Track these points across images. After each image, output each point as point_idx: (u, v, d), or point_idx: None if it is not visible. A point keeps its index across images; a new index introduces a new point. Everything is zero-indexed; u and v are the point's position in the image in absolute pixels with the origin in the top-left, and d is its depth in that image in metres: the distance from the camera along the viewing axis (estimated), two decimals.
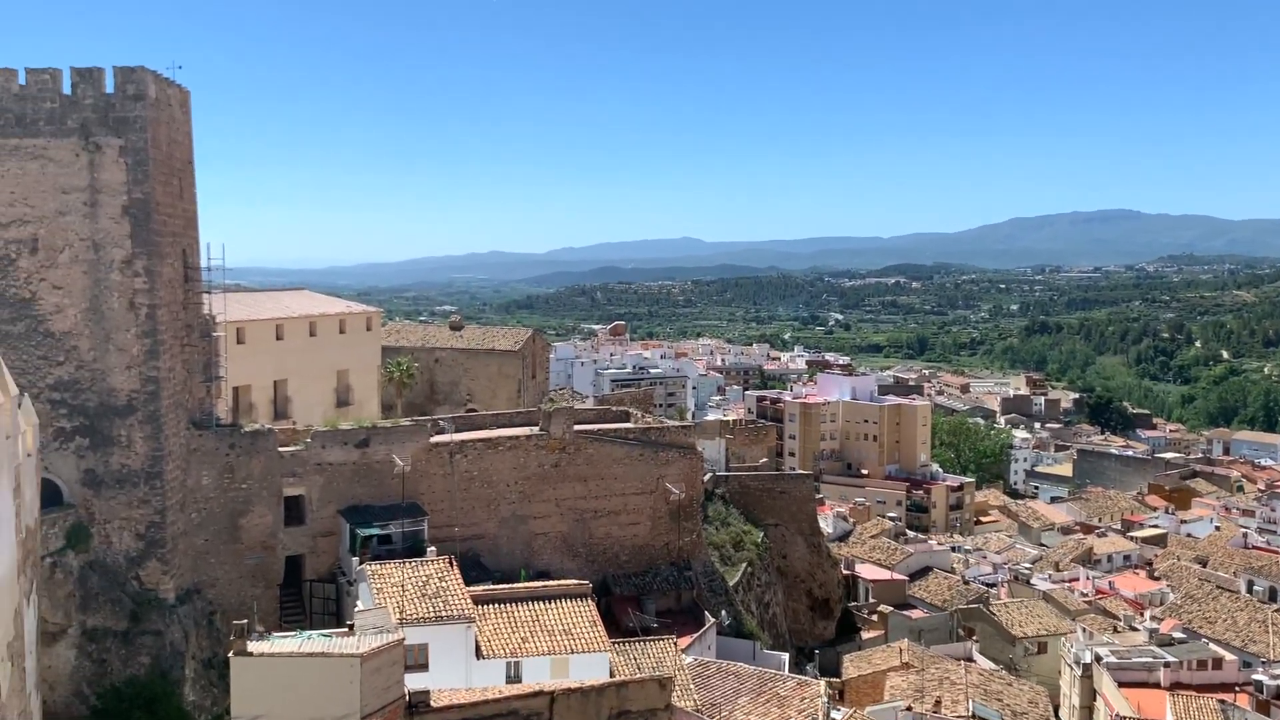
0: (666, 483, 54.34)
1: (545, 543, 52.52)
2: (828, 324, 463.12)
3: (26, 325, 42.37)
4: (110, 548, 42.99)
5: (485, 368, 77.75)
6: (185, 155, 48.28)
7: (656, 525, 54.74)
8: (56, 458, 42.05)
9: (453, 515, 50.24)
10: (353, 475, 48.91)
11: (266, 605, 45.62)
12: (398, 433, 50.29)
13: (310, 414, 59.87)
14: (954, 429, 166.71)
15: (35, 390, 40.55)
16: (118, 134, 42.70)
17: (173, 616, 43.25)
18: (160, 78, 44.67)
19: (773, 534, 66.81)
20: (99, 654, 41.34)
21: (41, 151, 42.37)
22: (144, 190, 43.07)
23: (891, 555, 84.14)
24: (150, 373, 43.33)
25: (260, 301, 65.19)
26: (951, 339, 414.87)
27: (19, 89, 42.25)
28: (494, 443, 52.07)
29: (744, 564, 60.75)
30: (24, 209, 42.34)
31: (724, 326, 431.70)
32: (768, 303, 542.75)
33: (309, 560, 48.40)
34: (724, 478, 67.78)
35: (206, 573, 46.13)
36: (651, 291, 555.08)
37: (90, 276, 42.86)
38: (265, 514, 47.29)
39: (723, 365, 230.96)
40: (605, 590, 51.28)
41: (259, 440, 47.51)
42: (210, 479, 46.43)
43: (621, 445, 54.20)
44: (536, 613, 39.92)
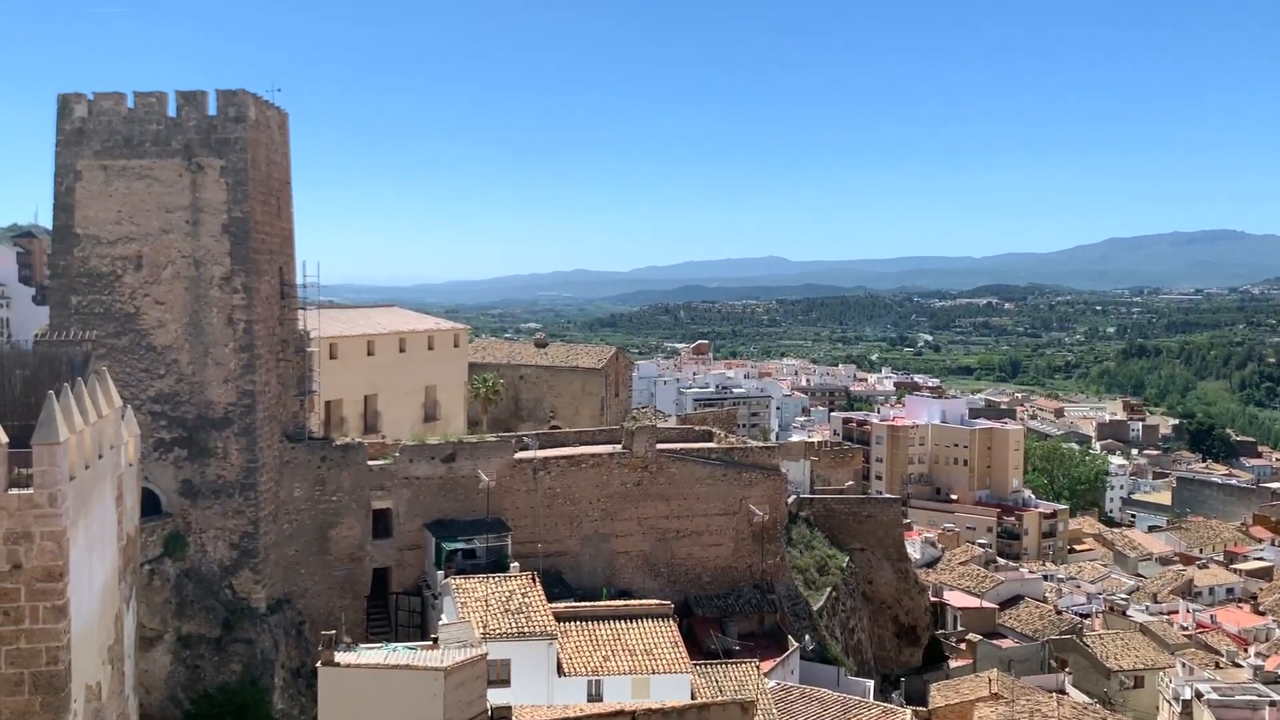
0: (750, 504, 53.85)
1: (627, 561, 52.44)
2: (917, 345, 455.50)
3: (130, 339, 43.89)
4: (205, 556, 44.13)
5: (569, 385, 78.16)
6: (283, 175, 49.64)
7: (739, 547, 54.25)
8: (156, 468, 43.38)
9: (536, 531, 50.50)
10: (439, 489, 49.52)
11: (353, 616, 46.36)
12: (483, 448, 50.79)
13: (399, 428, 60.84)
14: (1047, 454, 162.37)
15: (137, 402, 41.89)
16: (219, 154, 44.09)
17: (264, 625, 44.18)
18: (260, 100, 46.04)
19: (858, 558, 65.77)
20: (193, 660, 42.42)
21: (147, 172, 43.97)
22: (243, 209, 44.36)
23: (981, 582, 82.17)
24: (247, 386, 44.48)
25: (352, 318, 66.56)
26: (1045, 362, 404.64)
27: (127, 112, 43.96)
28: (577, 460, 52.25)
29: (828, 588, 59.86)
30: (130, 227, 43.96)
31: (809, 346, 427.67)
32: (855, 323, 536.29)
33: (395, 573, 49.08)
34: (808, 500, 66.99)
35: (296, 583, 47.08)
36: (736, 310, 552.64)
37: (191, 293, 44.25)
38: (354, 526, 48.14)
39: (808, 386, 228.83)
40: (687, 611, 50.95)
41: (349, 454, 48.42)
42: (302, 491, 47.45)
43: (704, 465, 53.91)
44: (618, 631, 39.82)
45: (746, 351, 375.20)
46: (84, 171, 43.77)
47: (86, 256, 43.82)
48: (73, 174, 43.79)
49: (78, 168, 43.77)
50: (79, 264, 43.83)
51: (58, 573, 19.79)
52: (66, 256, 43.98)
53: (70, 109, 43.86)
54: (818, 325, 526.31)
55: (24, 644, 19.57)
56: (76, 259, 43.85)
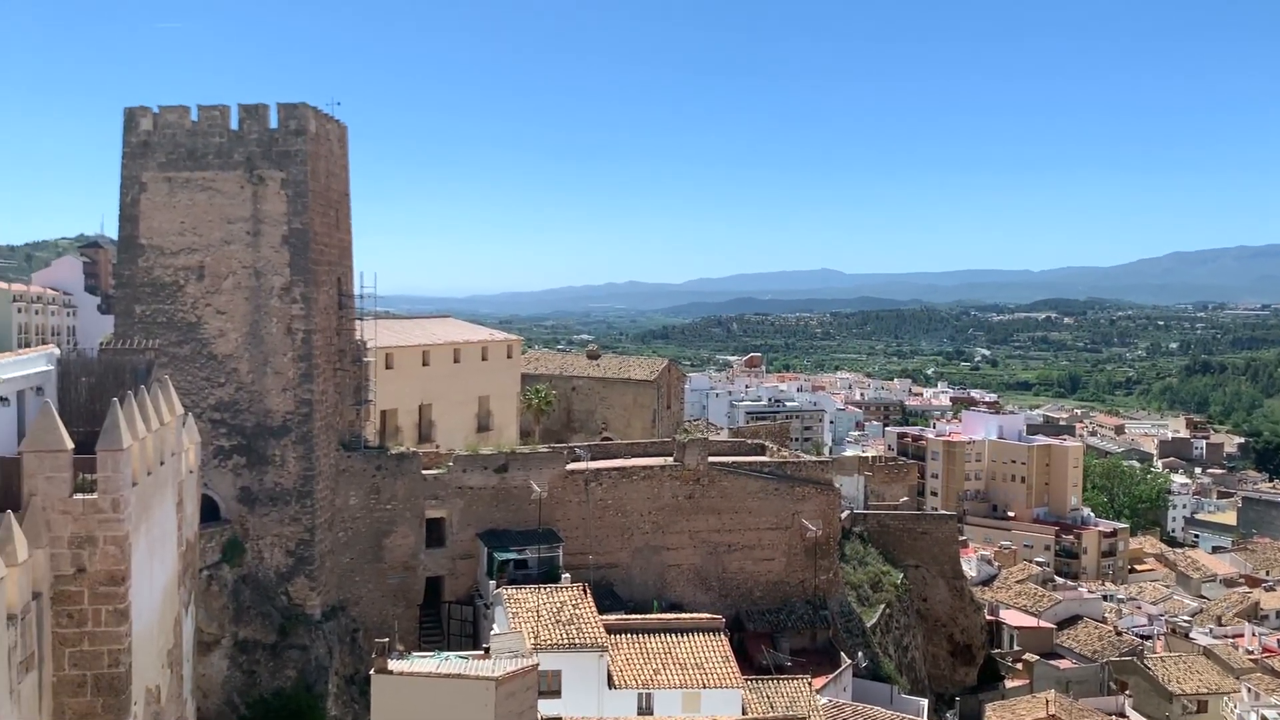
0: (802, 519, 53.39)
1: (678, 575, 52.23)
2: (974, 359, 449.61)
3: (192, 348, 44.70)
4: (262, 563, 44.71)
5: (621, 397, 78.17)
6: (342, 187, 50.32)
7: (792, 561, 53.79)
8: (215, 475, 44.09)
9: (587, 543, 50.50)
10: (491, 499, 49.75)
11: (406, 625, 46.65)
12: (535, 459, 50.96)
13: (452, 438, 61.25)
14: (1107, 472, 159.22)
15: (198, 410, 42.64)
16: (280, 167, 44.83)
17: (318, 632, 44.63)
18: (320, 113, 46.74)
19: (913, 575, 64.94)
20: (249, 665, 42.95)
21: (210, 184, 44.82)
22: (303, 221, 45.03)
23: (1039, 601, 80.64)
24: (304, 395, 45.07)
25: (408, 328, 67.23)
26: (1105, 378, 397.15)
27: (191, 125, 44.86)
28: (628, 472, 52.20)
29: (882, 605, 59.13)
30: (193, 238, 44.82)
31: (864, 360, 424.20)
32: (910, 336, 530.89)
33: (448, 582, 49.34)
34: (862, 516, 66.29)
35: (351, 590, 47.53)
36: (789, 323, 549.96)
37: (251, 303, 44.98)
38: (408, 535, 48.51)
39: (862, 400, 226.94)
40: (738, 625, 50.59)
41: (404, 463, 48.85)
42: (357, 499, 47.93)
43: (756, 479, 53.57)
44: (669, 645, 39.64)
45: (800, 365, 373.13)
46: (149, 183, 44.74)
47: (150, 266, 44.75)
48: (138, 186, 44.79)
49: (143, 180, 44.75)
50: (143, 274, 44.77)
51: (120, 577, 20.10)
52: (131, 266, 44.96)
53: (136, 122, 44.88)
54: (872, 339, 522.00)
55: (87, 646, 19.91)
56: (141, 269, 44.80)
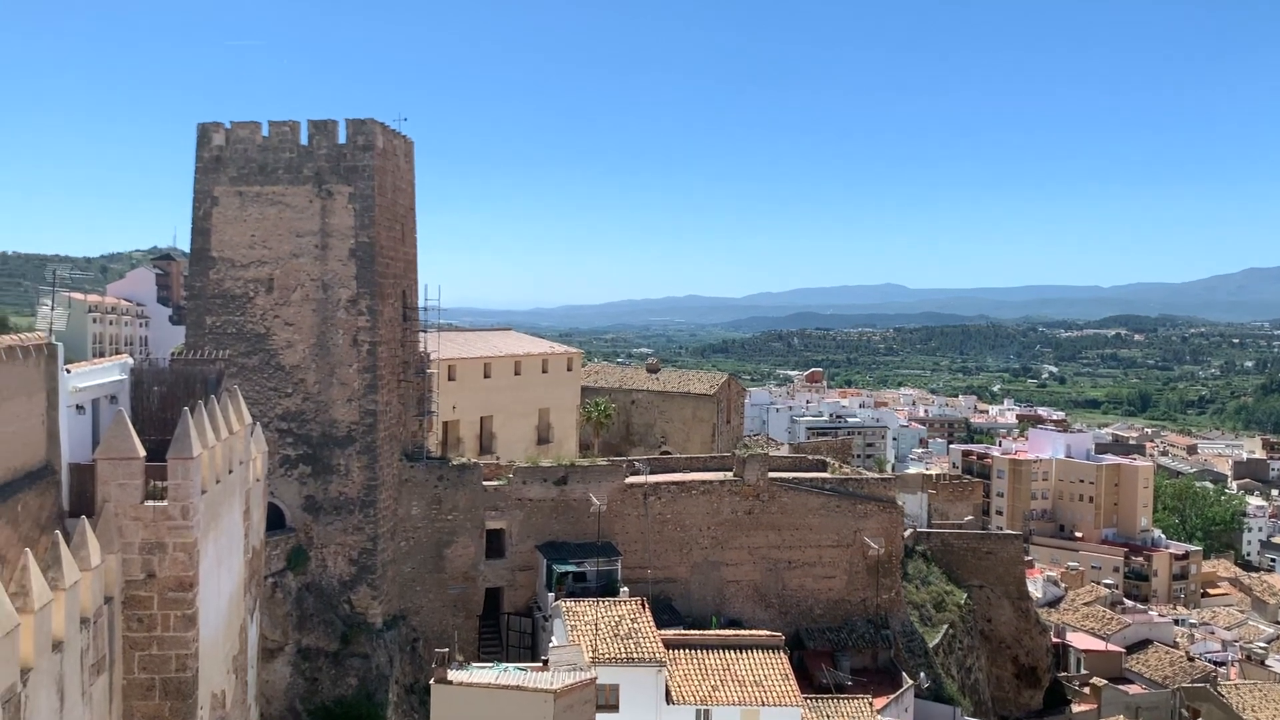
0: (864, 536, 52.75)
1: (737, 590, 51.87)
2: (1041, 377, 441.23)
3: (260, 359, 45.51)
4: (325, 571, 45.26)
5: (680, 411, 78.00)
6: (408, 202, 50.98)
7: (853, 579, 53.13)
8: (281, 483, 44.78)
9: (646, 557, 50.38)
10: (551, 512, 49.89)
11: (466, 635, 46.91)
12: (595, 472, 51.01)
13: (512, 450, 61.60)
14: (1179, 492, 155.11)
15: (265, 419, 43.34)
16: (348, 181, 45.54)
17: (379, 641, 45.03)
18: (387, 129, 47.43)
19: (977, 595, 63.79)
20: (311, 672, 43.45)
21: (280, 198, 45.68)
22: (369, 235, 45.68)
23: (1107, 624, 78.71)
24: (369, 406, 45.63)
25: (470, 341, 67.84)
26: (1177, 396, 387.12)
27: (262, 140, 45.79)
28: (688, 486, 52.01)
29: (945, 625, 58.14)
30: (263, 251, 45.69)
31: (928, 376, 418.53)
32: (975, 353, 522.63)
33: (507, 593, 49.55)
34: (925, 534, 65.33)
35: (412, 600, 47.93)
36: (851, 338, 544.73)
37: (319, 314, 45.69)
38: (468, 545, 48.82)
39: (925, 416, 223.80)
40: (798, 643, 50.09)
41: (465, 474, 49.20)
42: (419, 509, 48.37)
43: (818, 495, 53.05)
44: (728, 661, 39.33)
45: (862, 380, 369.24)
46: (220, 197, 45.71)
47: (221, 278, 45.69)
48: (210, 199, 45.78)
49: (215, 194, 45.73)
50: (214, 286, 45.72)
51: (188, 583, 20.46)
52: (202, 278, 45.94)
53: (209, 137, 45.91)
54: (937, 355, 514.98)
55: (155, 650, 20.28)
56: (212, 281, 45.76)
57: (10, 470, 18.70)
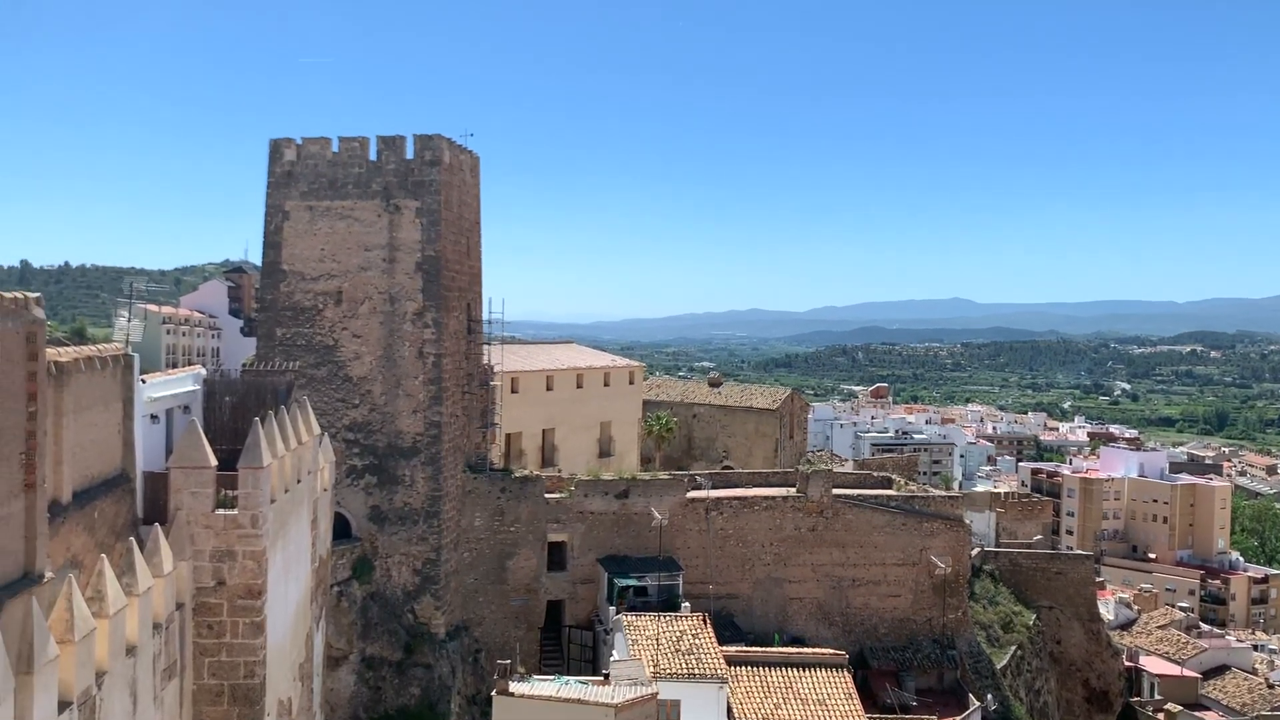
0: (930, 555, 51.91)
1: (800, 608, 51.34)
2: (1113, 394, 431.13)
3: (329, 370, 46.24)
4: (390, 581, 45.73)
5: (743, 425, 77.59)
6: (473, 216, 51.53)
7: (919, 598, 52.30)
8: (348, 493, 45.38)
9: (707, 572, 50.11)
10: (612, 525, 49.88)
11: (527, 647, 47.03)
12: (656, 486, 50.91)
13: (574, 463, 61.75)
14: (1258, 514, 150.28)
15: (333, 430, 43.98)
16: (415, 196, 46.17)
17: (442, 651, 45.34)
18: (454, 144, 48.01)
19: (1046, 617, 62.40)
20: (375, 681, 43.90)
21: (349, 212, 46.45)
22: (435, 248, 46.24)
23: (1182, 649, 76.39)
24: (434, 417, 46.08)
25: (533, 353, 68.23)
26: (1256, 414, 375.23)
27: (332, 156, 46.63)
28: (750, 502, 51.67)
29: (1013, 646, 56.92)
30: (332, 264, 46.47)
31: (996, 392, 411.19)
32: (1045, 369, 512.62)
33: (569, 606, 49.60)
34: (993, 553, 64.11)
35: (474, 611, 48.21)
36: (917, 353, 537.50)
37: (385, 327, 46.32)
38: (530, 558, 49.00)
39: (994, 433, 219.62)
40: (862, 662, 49.40)
41: (528, 486, 49.43)
42: (482, 520, 48.68)
43: (883, 512, 52.35)
44: (790, 679, 38.92)
45: (928, 396, 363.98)
46: (291, 212, 46.61)
47: (291, 291, 46.55)
48: (281, 214, 46.70)
49: (286, 208, 46.65)
50: (284, 298, 46.59)
51: (257, 590, 20.77)
52: (273, 291, 46.85)
53: (280, 153, 46.87)
54: (1005, 370, 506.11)
55: (224, 657, 20.61)
56: (282, 293, 46.64)
57: (88, 478, 19.17)
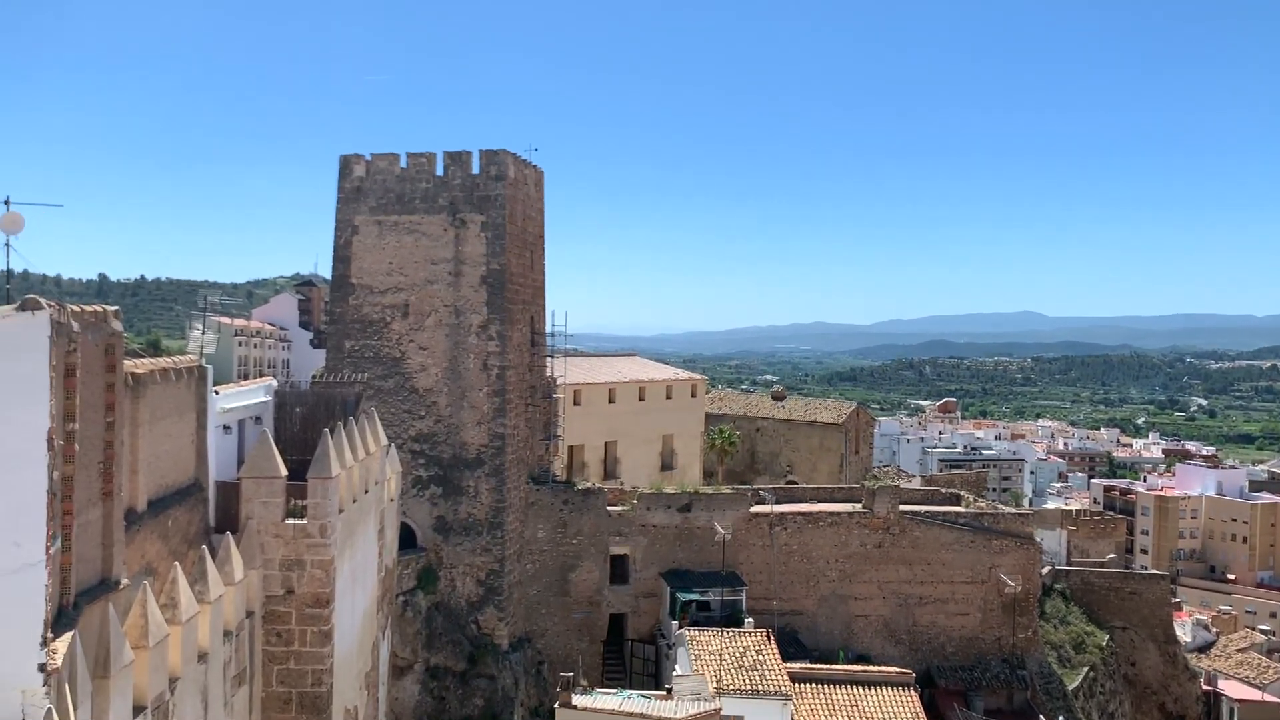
0: (1000, 573, 50.91)
1: (865, 625, 50.67)
2: (1189, 409, 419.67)
3: (396, 382, 46.86)
4: (454, 591, 46.08)
5: (807, 440, 76.94)
6: (537, 230, 51.92)
7: (988, 617, 51.30)
8: (413, 504, 45.87)
9: (771, 588, 49.69)
10: (675, 539, 49.72)
11: (590, 660, 47.03)
12: (719, 500, 50.65)
13: (636, 476, 61.74)
14: None
15: (400, 441, 44.52)
16: (480, 210, 46.69)
17: (505, 662, 45.53)
18: (518, 159, 48.47)
19: (1120, 638, 60.79)
20: (439, 691, 44.21)
21: (416, 226, 47.12)
22: (500, 262, 46.67)
23: (1264, 673, 73.71)
24: (498, 429, 46.43)
25: (595, 366, 68.42)
26: None
27: (400, 171, 47.39)
28: (815, 517, 51.17)
29: (1085, 668, 55.54)
30: (399, 278, 47.15)
31: (1067, 408, 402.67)
32: (1119, 384, 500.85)
33: (631, 620, 49.51)
34: (1064, 572, 62.66)
35: (537, 623, 48.36)
36: (986, 367, 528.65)
37: (451, 339, 46.83)
38: (593, 570, 49.03)
39: (1065, 450, 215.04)
40: (929, 681, 48.56)
41: (590, 498, 49.51)
42: (545, 532, 48.86)
43: (951, 529, 51.48)
44: (855, 697, 38.38)
45: (998, 411, 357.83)
46: (360, 226, 47.43)
47: (360, 304, 47.31)
48: (350, 228, 47.54)
49: (355, 223, 47.47)
50: (353, 311, 47.36)
51: (325, 599, 21.03)
52: (342, 304, 47.65)
53: (350, 169, 47.74)
54: (1077, 385, 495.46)
55: (293, 665, 20.88)
56: (351, 306, 47.42)
57: (162, 487, 19.58)
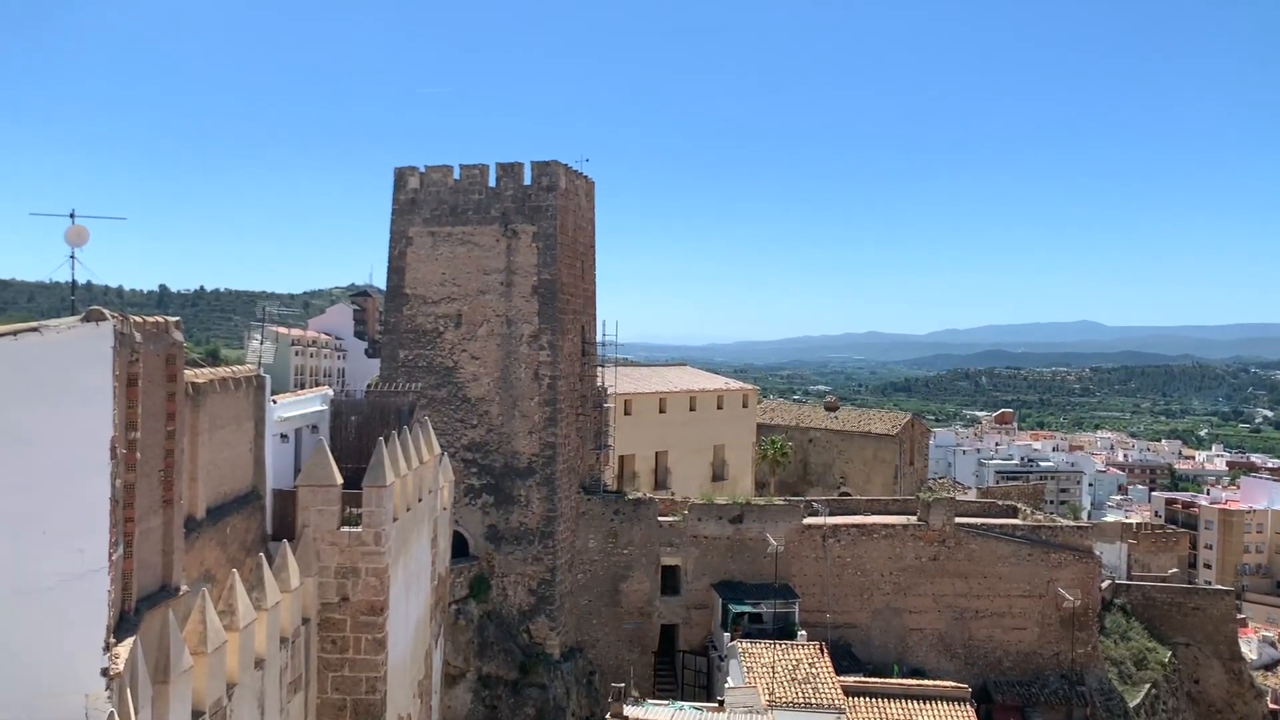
0: (1058, 587, 49.99)
1: (920, 639, 50.00)
2: (1254, 421, 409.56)
3: (449, 391, 47.24)
4: (506, 600, 46.26)
5: (860, 451, 76.26)
6: (588, 240, 52.10)
7: (1045, 632, 50.39)
8: (465, 512, 46.15)
9: (824, 600, 49.25)
10: (726, 550, 49.48)
11: (641, 671, 46.91)
12: (771, 511, 50.33)
13: (687, 486, 61.57)
14: None
15: (452, 449, 44.85)
16: (532, 221, 46.97)
17: (556, 672, 45.58)
18: (569, 170, 48.70)
19: (1182, 654, 59.32)
20: (491, 700, 44.36)
21: (469, 238, 47.53)
22: (551, 272, 46.89)
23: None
24: (549, 439, 46.59)
25: (646, 376, 68.43)
26: None
27: (453, 183, 47.86)
28: (869, 529, 50.64)
29: (1147, 685, 54.27)
30: (452, 288, 47.57)
31: (1127, 419, 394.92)
32: (1180, 394, 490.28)
33: (682, 631, 49.33)
34: (1125, 587, 61.33)
35: (588, 633, 48.36)
36: (1043, 378, 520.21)
37: (502, 349, 47.13)
38: (644, 581, 48.94)
39: (1125, 462, 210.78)
40: (985, 697, 47.76)
41: (641, 508, 49.45)
42: (595, 542, 48.90)
43: (1008, 542, 50.67)
44: (910, 712, 37.80)
45: (1055, 422, 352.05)
46: (414, 237, 47.94)
47: (414, 314, 47.80)
48: (405, 240, 48.07)
49: (409, 234, 48.00)
50: (407, 321, 47.87)
51: (379, 607, 21.19)
52: (397, 314, 48.17)
53: (405, 181, 48.30)
54: (1137, 396, 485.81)
55: (347, 672, 21.05)
56: (405, 316, 47.92)
57: (221, 494, 19.87)
